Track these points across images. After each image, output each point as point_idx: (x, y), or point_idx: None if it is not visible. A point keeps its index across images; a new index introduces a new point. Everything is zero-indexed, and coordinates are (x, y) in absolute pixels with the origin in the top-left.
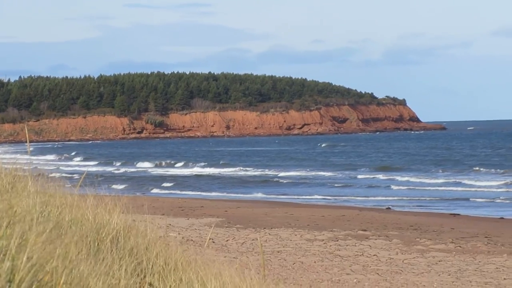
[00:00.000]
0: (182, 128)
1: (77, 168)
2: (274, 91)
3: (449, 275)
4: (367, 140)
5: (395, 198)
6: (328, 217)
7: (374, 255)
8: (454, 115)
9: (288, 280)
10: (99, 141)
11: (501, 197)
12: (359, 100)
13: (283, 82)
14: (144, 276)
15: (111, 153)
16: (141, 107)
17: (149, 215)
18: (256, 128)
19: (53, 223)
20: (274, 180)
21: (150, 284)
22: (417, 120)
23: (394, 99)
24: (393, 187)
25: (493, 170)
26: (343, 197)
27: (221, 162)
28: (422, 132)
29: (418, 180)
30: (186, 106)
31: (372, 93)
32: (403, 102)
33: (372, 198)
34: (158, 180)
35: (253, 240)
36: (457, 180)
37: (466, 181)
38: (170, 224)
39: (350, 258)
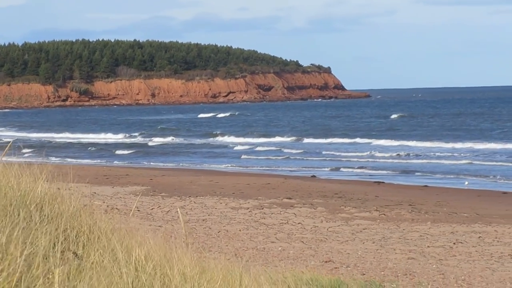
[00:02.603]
0: (107, 96)
1: None
2: (199, 59)
3: (374, 243)
4: (291, 107)
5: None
6: (253, 185)
7: (299, 223)
8: (378, 83)
9: (213, 249)
10: (21, 110)
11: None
12: (284, 68)
13: (208, 50)
14: (68, 244)
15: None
16: (66, 75)
17: (74, 184)
18: (181, 96)
19: None
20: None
21: (73, 253)
22: (342, 88)
23: (319, 67)
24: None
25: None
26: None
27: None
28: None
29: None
30: (111, 74)
31: (297, 61)
32: (328, 70)
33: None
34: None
35: (178, 208)
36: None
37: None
38: (95, 193)
39: (275, 226)
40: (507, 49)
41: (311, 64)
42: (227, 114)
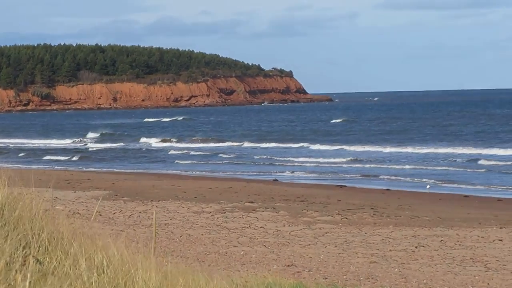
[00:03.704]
0: (69, 100)
1: None
2: (161, 63)
3: (336, 246)
4: (255, 112)
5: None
6: (215, 189)
7: (261, 227)
8: (339, 87)
9: (176, 253)
10: None
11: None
12: (246, 72)
13: (170, 54)
14: (29, 250)
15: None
16: (27, 79)
17: (35, 188)
18: (143, 100)
19: None
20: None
21: (35, 258)
22: (303, 92)
23: (281, 71)
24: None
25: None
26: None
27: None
28: (310, 103)
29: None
30: (73, 78)
31: (259, 65)
32: (290, 74)
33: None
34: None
35: (140, 212)
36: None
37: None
38: (56, 197)
39: (237, 230)
40: (468, 53)
41: (273, 68)
42: (173, 118)
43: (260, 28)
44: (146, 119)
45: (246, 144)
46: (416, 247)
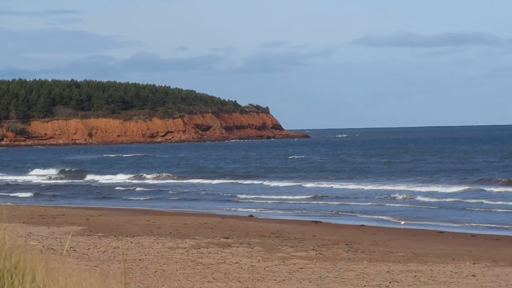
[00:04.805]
0: (44, 136)
1: None
2: (137, 99)
3: (310, 282)
4: (229, 147)
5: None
6: (190, 224)
7: (236, 262)
8: (316, 123)
9: None
10: None
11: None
12: (222, 108)
13: (146, 90)
14: (4, 286)
15: None
16: (2, 114)
17: (8, 224)
18: (119, 135)
19: None
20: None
21: None
22: (280, 128)
23: (258, 107)
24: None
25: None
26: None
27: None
28: (284, 139)
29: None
30: (48, 113)
31: (235, 101)
32: (266, 110)
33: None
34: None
35: (114, 248)
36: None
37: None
38: (30, 233)
39: (212, 266)
40: (443, 89)
41: (249, 104)
42: (134, 154)
43: (236, 64)
44: (104, 155)
45: (197, 180)
46: (390, 282)
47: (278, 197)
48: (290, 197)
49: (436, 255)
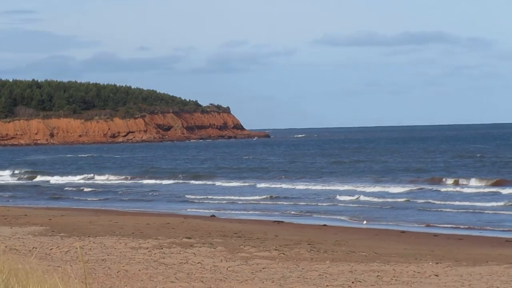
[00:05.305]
0: (6, 136)
1: None
2: (98, 99)
3: (273, 282)
4: (190, 147)
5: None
6: (153, 225)
7: (198, 262)
8: (277, 123)
9: None
10: None
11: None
12: (183, 108)
13: (107, 90)
14: None
15: None
16: None
17: None
18: (80, 136)
19: None
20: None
21: None
22: (241, 127)
23: (219, 107)
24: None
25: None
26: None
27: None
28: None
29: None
30: (9, 114)
31: (196, 101)
32: (227, 110)
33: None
34: None
35: (77, 248)
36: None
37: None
38: None
39: (175, 266)
40: (404, 89)
41: (210, 104)
42: (89, 154)
43: (197, 64)
44: (62, 155)
45: (148, 181)
46: (353, 282)
47: (230, 197)
48: (242, 198)
49: (399, 255)
